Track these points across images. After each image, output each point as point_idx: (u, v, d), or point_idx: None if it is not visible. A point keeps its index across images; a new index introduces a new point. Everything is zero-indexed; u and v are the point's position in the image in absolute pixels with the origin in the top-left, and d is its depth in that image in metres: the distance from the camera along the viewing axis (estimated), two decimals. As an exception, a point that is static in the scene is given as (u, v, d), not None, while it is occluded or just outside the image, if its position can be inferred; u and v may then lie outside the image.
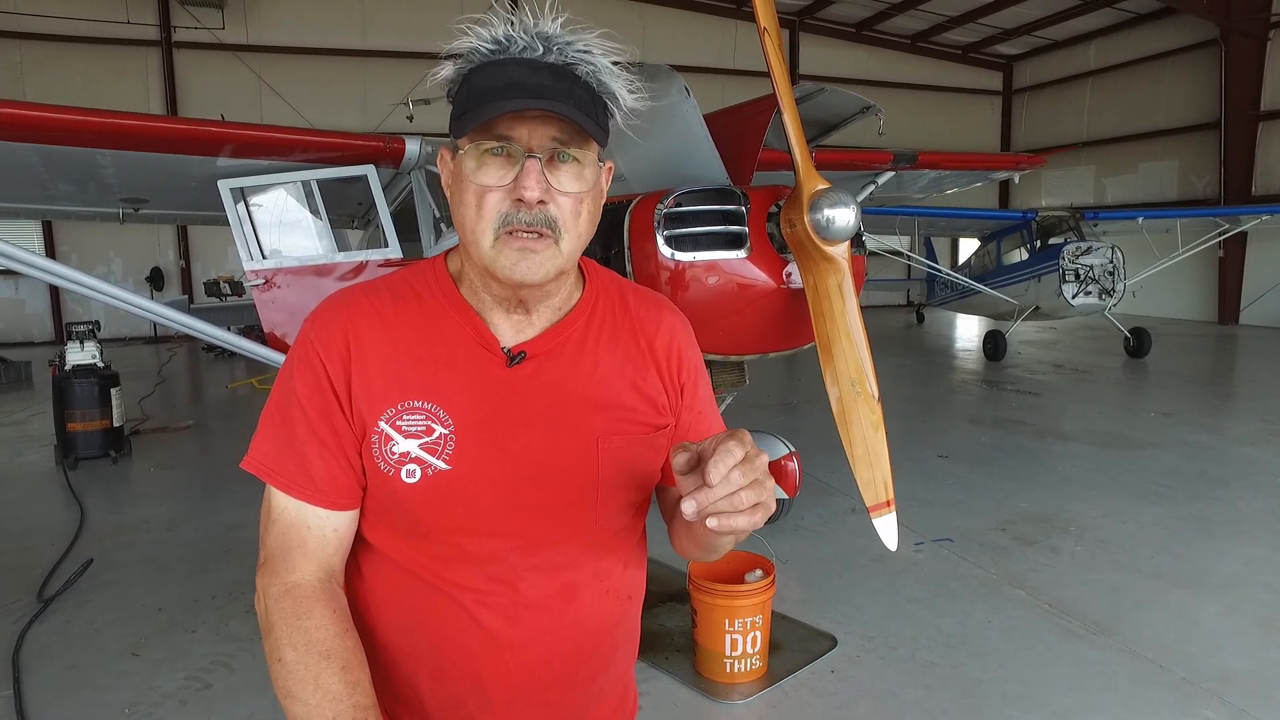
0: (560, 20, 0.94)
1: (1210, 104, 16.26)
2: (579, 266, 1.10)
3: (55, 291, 14.89)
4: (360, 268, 4.75)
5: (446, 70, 0.97)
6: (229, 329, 4.75)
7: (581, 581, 1.07)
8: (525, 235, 0.95)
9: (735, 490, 0.81)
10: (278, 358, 4.64)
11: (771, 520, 4.66)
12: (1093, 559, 4.20)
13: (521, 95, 0.91)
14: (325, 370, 1.01)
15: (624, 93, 0.98)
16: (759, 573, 3.09)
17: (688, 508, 0.82)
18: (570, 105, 0.92)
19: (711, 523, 0.82)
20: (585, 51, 0.95)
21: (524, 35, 0.93)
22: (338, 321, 1.03)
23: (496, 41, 0.93)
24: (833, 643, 3.33)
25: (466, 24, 0.95)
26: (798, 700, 2.96)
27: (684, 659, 3.18)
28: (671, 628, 3.41)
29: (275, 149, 4.35)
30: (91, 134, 3.85)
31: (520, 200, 0.93)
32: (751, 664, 3.04)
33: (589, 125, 0.94)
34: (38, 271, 3.88)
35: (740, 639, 2.99)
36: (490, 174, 0.95)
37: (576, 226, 0.98)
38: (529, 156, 0.93)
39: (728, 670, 3.02)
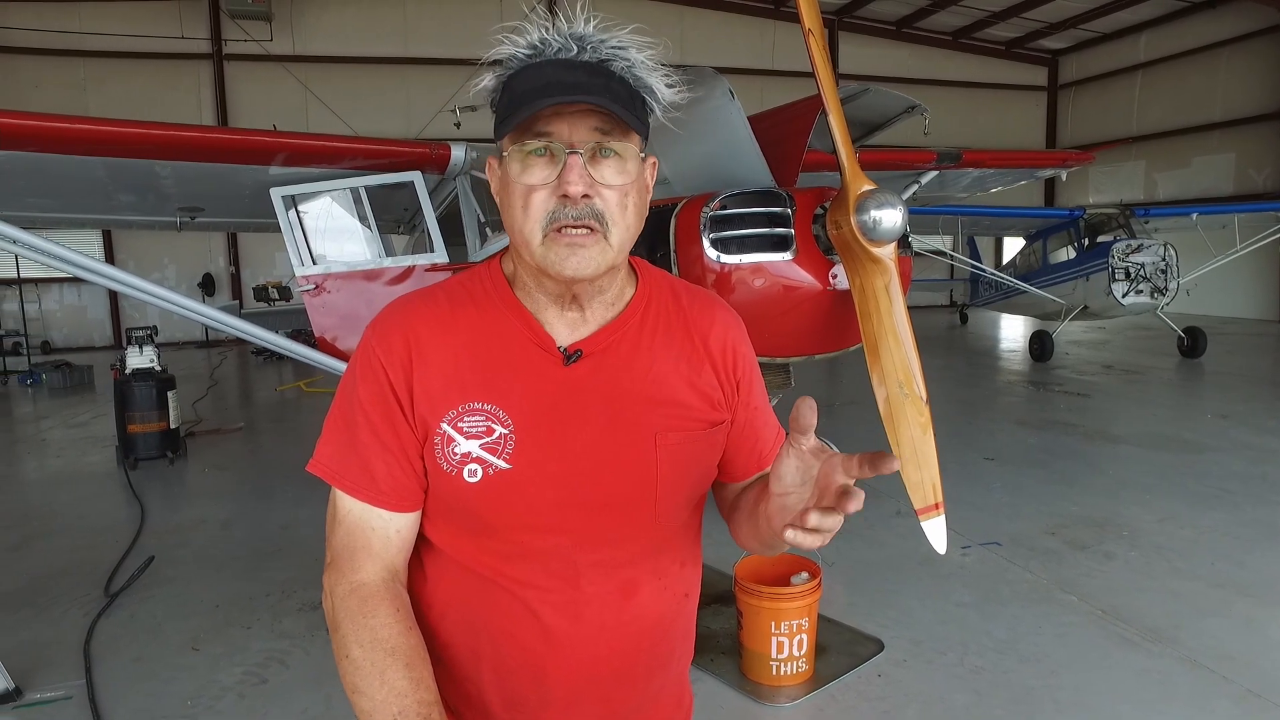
0: (594, 22, 0.96)
1: (1270, 94, 15.67)
2: (630, 265, 1.12)
3: (114, 297, 15.44)
4: (407, 272, 4.84)
5: (488, 80, 1.00)
6: (278, 332, 4.88)
7: (641, 579, 1.08)
8: (573, 231, 0.96)
9: (822, 529, 0.84)
10: (326, 361, 4.76)
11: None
12: (1149, 565, 4.09)
13: (559, 93, 0.93)
14: (387, 375, 1.03)
15: (661, 87, 0.99)
16: (805, 575, 3.07)
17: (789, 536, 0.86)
18: (607, 98, 0.94)
19: (789, 535, 0.85)
20: (619, 48, 0.96)
21: (558, 38, 0.95)
22: (398, 328, 1.05)
23: (532, 46, 0.96)
24: (879, 647, 3.29)
25: (503, 33, 0.97)
26: (844, 704, 2.94)
27: (730, 661, 3.18)
28: (717, 630, 3.41)
29: (326, 157, 4.46)
30: (154, 146, 4.00)
31: (565, 196, 0.95)
32: (798, 667, 3.02)
33: (626, 115, 0.95)
34: (104, 279, 4.03)
35: (786, 641, 2.98)
36: (535, 174, 0.96)
37: (624, 219, 0.99)
38: (570, 153, 0.95)
39: (774, 673, 3.01)
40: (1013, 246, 16.27)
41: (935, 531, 2.73)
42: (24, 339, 12.75)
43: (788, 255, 3.24)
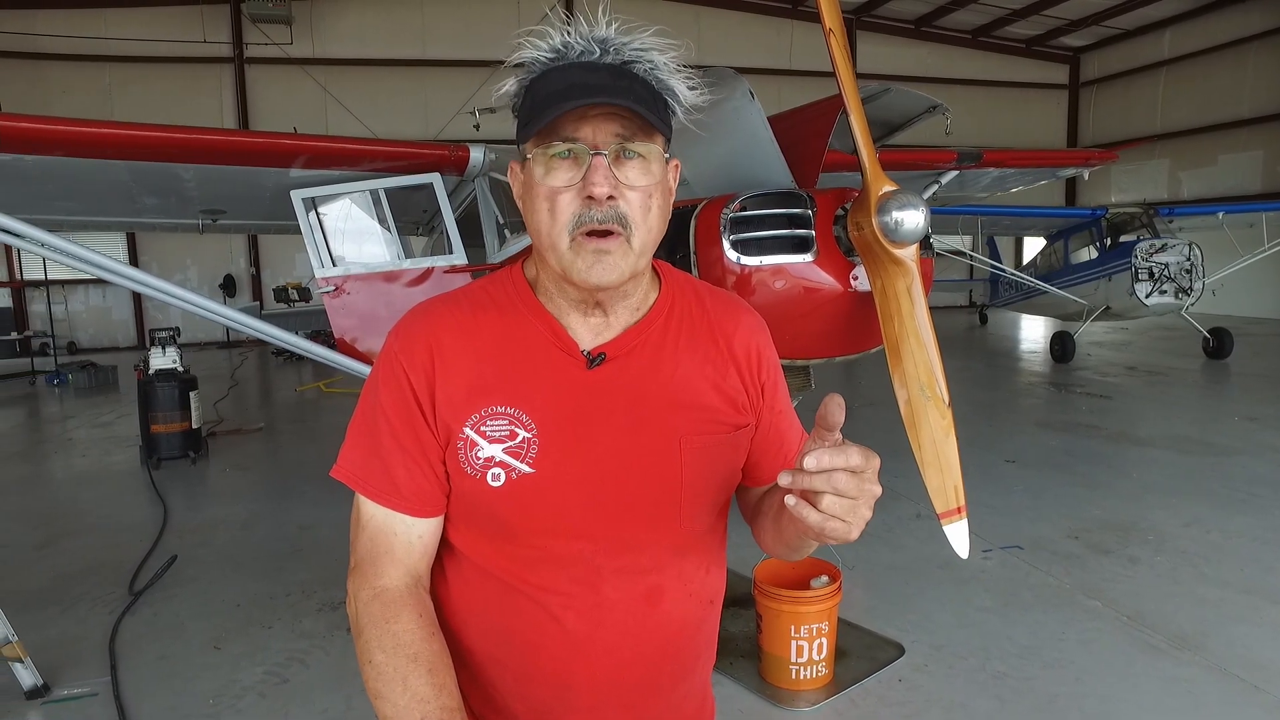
0: (615, 25, 0.96)
1: (1299, 90, 15.43)
2: (653, 268, 1.11)
3: (138, 299, 15.67)
4: (426, 274, 4.86)
5: (509, 85, 0.99)
6: (298, 333, 4.90)
7: (666, 585, 1.07)
8: (599, 238, 0.96)
9: (838, 491, 0.83)
10: (345, 362, 4.78)
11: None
12: (1175, 570, 4.02)
13: (582, 95, 0.92)
14: (409, 381, 1.03)
15: (683, 89, 0.99)
16: (825, 579, 3.05)
17: (783, 479, 0.85)
18: (630, 100, 0.93)
19: (790, 500, 0.85)
20: (642, 49, 0.96)
21: (580, 40, 0.95)
22: (420, 333, 1.05)
23: (554, 49, 0.96)
24: (900, 651, 3.27)
25: (524, 37, 0.97)
26: (865, 709, 2.92)
27: (749, 664, 3.16)
28: (736, 633, 3.39)
29: (346, 159, 4.49)
30: (177, 149, 4.04)
31: (590, 198, 0.94)
32: (817, 671, 3.00)
33: (650, 117, 0.94)
34: (128, 281, 4.07)
35: (806, 645, 2.96)
36: (559, 176, 0.96)
37: (646, 222, 0.99)
38: (595, 154, 0.94)
39: (793, 677, 2.99)
40: (1033, 246, 16.12)
41: (957, 536, 2.69)
42: (51, 339, 12.95)
43: (808, 257, 3.22)
